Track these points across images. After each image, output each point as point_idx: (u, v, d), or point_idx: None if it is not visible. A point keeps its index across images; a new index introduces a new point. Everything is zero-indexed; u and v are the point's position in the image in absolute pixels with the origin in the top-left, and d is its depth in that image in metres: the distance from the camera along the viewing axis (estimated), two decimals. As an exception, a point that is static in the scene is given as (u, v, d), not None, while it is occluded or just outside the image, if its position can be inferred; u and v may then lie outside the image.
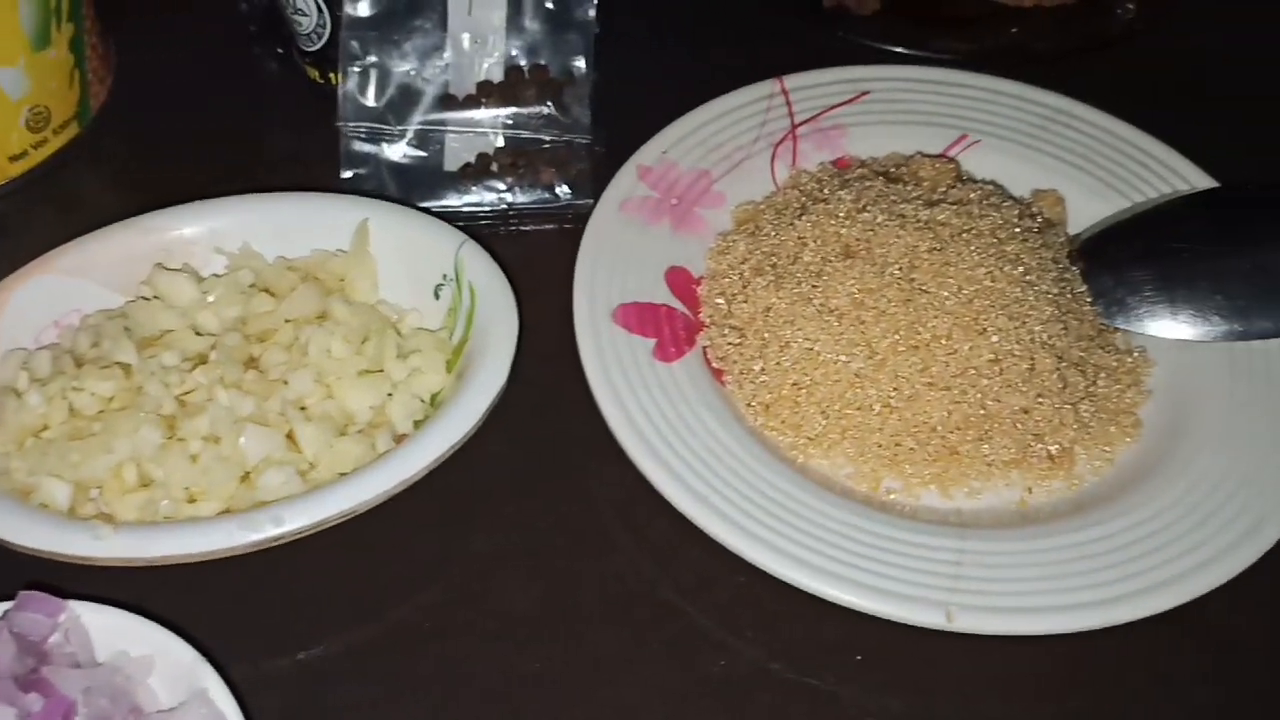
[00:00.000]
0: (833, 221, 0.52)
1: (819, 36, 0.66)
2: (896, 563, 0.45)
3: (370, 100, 0.58)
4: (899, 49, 0.64)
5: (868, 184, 0.54)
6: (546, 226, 0.59)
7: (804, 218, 0.53)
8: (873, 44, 0.65)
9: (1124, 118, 0.62)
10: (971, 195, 0.54)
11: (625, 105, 0.63)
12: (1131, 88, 0.67)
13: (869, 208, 0.52)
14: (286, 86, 0.64)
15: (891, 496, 0.49)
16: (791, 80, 0.61)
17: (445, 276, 0.51)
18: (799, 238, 0.53)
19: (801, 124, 0.60)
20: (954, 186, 0.55)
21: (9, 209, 0.58)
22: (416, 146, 0.59)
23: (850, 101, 0.61)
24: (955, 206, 0.53)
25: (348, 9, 0.58)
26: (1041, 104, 0.61)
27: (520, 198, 0.59)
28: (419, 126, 0.58)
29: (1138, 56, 0.68)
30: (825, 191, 0.55)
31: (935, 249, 0.50)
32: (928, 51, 0.64)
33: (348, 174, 0.58)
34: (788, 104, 0.60)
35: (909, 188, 0.54)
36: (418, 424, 0.49)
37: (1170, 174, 0.58)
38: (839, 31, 0.65)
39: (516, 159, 0.59)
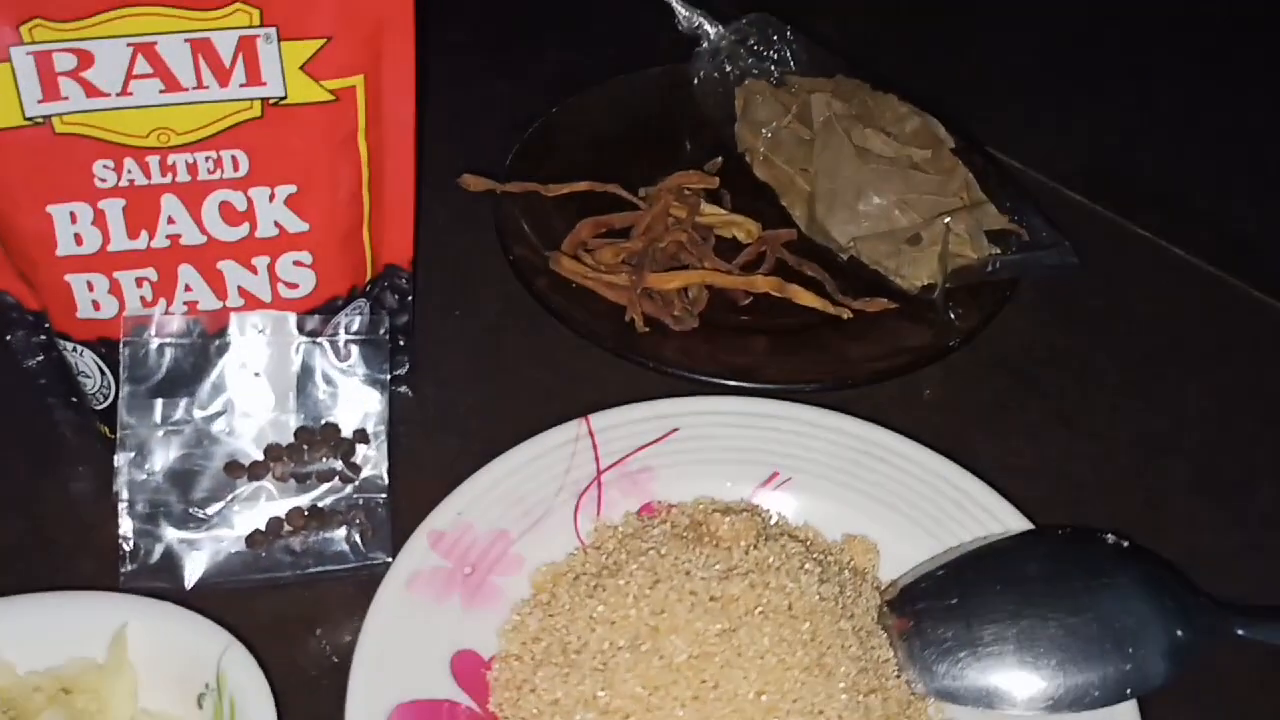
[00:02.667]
0: (623, 602, 0.50)
1: (633, 366, 0.64)
2: None
3: (150, 473, 0.55)
4: (715, 379, 0.63)
5: (663, 552, 0.52)
6: (342, 593, 0.56)
7: (597, 594, 0.51)
8: (687, 374, 0.63)
9: (948, 438, 0.61)
10: (771, 559, 0.52)
11: (426, 454, 0.61)
12: (957, 405, 0.66)
13: (661, 582, 0.50)
14: (78, 441, 0.61)
15: None
16: (599, 419, 0.59)
17: (208, 685, 0.48)
18: (590, 618, 0.50)
19: (608, 469, 0.58)
20: (754, 546, 0.53)
21: None
22: (201, 518, 0.56)
23: (659, 440, 0.59)
24: (751, 577, 0.50)
25: (125, 377, 0.56)
26: (855, 436, 0.59)
27: (313, 564, 0.56)
28: (203, 496, 0.56)
29: (965, 370, 0.67)
30: (624, 556, 0.53)
31: (726, 631, 0.48)
32: (745, 380, 0.63)
33: (127, 548, 0.55)
34: (594, 447, 0.58)
35: (706, 553, 0.52)
36: None
37: (986, 515, 0.56)
38: (651, 362, 0.63)
39: (308, 522, 0.56)
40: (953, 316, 0.67)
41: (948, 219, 0.66)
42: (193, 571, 0.55)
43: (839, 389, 0.63)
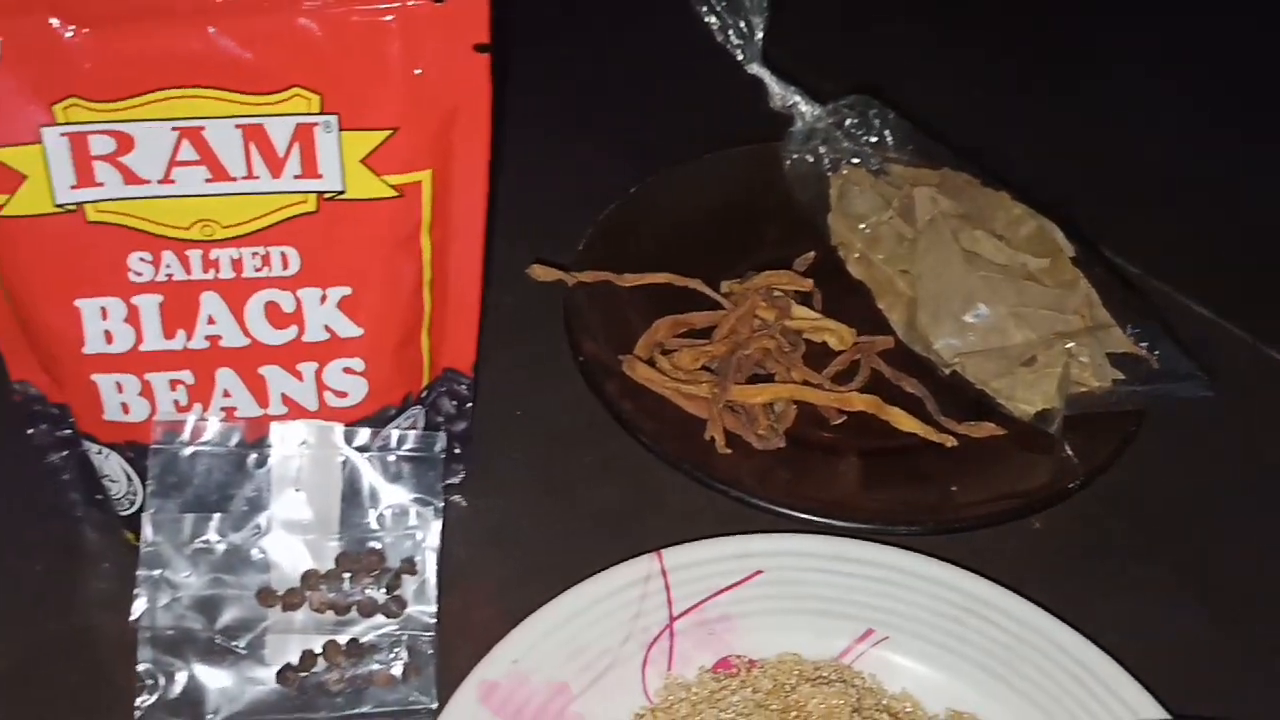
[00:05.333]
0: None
1: (708, 493, 0.58)
2: None
3: (174, 597, 0.50)
4: (803, 514, 0.56)
5: (743, 730, 0.46)
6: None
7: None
8: (773, 507, 0.56)
9: (1059, 590, 0.54)
10: (868, 749, 0.45)
11: (477, 577, 0.56)
12: (1070, 550, 0.59)
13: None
14: (101, 545, 0.56)
15: None
16: (672, 556, 0.53)
17: None
18: (658, 808, 0.44)
19: (681, 615, 0.52)
20: (848, 728, 0.46)
21: None
22: (229, 650, 0.50)
23: (740, 583, 0.53)
24: (845, 773, 0.44)
25: (152, 489, 0.50)
26: (962, 591, 0.52)
27: (349, 706, 0.50)
28: (232, 625, 0.50)
29: (1078, 507, 0.60)
30: (698, 726, 0.47)
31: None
32: (839, 518, 0.56)
33: (145, 679, 0.49)
34: (666, 588, 0.52)
35: (793, 735, 0.46)
36: None
37: (1111, 697, 0.49)
38: (733, 490, 0.57)
39: (346, 658, 0.51)
40: (1069, 451, 0.60)
41: (1070, 344, 0.59)
42: (216, 708, 0.50)
43: (941, 534, 0.56)
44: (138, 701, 0.49)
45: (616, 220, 0.71)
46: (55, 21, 0.43)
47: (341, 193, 0.48)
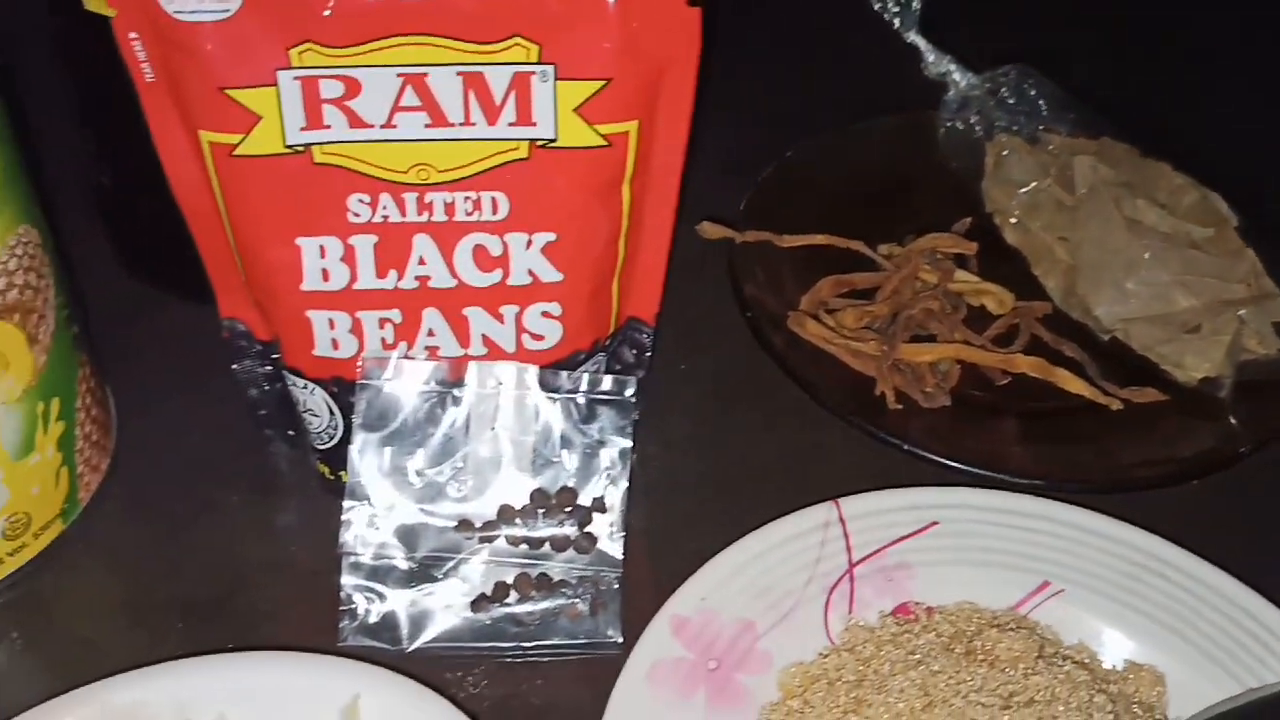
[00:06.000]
0: (891, 722, 0.45)
1: (871, 441, 0.59)
2: None
3: (377, 526, 0.52)
4: (976, 469, 0.57)
5: (935, 668, 0.47)
6: (571, 673, 0.52)
7: (861, 708, 0.46)
8: (948, 461, 0.58)
9: (1224, 553, 0.54)
10: (1058, 689, 0.46)
11: (651, 524, 0.57)
12: (1234, 515, 0.59)
13: (935, 705, 0.45)
14: (295, 475, 0.58)
15: None
16: (850, 505, 0.54)
17: (442, 773, 0.45)
18: (852, 738, 0.45)
19: (860, 562, 0.53)
20: (1033, 671, 0.47)
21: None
22: (427, 576, 0.52)
23: (917, 533, 0.54)
24: (1037, 708, 0.45)
25: (359, 422, 0.52)
26: (1135, 547, 0.53)
27: (539, 636, 0.52)
28: (430, 555, 0.52)
29: (1241, 474, 0.60)
30: (886, 666, 0.48)
31: (1013, 775, 0.43)
32: (1010, 473, 0.57)
33: (348, 604, 0.52)
34: (845, 535, 0.54)
35: (983, 674, 0.47)
36: None
37: (1290, 655, 0.50)
38: (906, 444, 0.58)
39: (537, 590, 0.53)
40: (1232, 418, 0.60)
41: (1242, 312, 0.60)
42: (413, 634, 0.52)
43: (1112, 492, 0.57)
44: (340, 625, 0.52)
45: (774, 183, 0.72)
46: (297, -32, 0.45)
47: (553, 140, 0.49)
